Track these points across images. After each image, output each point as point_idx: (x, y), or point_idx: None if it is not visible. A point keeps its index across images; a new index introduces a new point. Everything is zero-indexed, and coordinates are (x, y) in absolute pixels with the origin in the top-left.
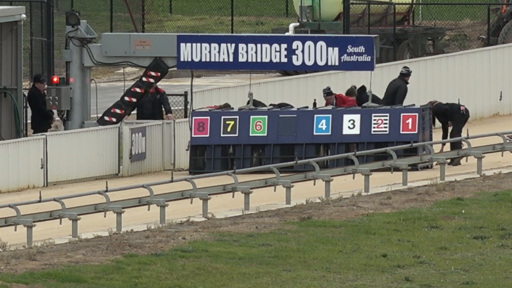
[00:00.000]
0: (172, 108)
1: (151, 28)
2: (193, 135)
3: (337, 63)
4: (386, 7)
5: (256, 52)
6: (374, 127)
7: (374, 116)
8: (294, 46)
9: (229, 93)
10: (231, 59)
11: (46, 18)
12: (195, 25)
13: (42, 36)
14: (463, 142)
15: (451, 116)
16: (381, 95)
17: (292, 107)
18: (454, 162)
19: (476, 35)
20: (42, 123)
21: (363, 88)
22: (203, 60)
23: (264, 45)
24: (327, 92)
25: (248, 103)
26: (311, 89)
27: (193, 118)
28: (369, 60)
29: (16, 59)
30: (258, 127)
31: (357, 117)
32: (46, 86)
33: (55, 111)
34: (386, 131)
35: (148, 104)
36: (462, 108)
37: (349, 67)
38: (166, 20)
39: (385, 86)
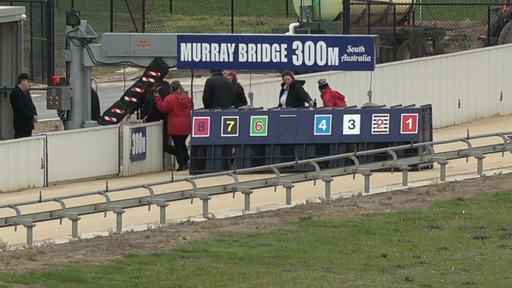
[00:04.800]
0: None
1: (151, 28)
2: (193, 135)
3: (337, 63)
4: (386, 7)
5: (256, 52)
6: (374, 127)
7: (374, 116)
8: (294, 46)
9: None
10: (231, 59)
11: (46, 18)
12: (195, 25)
13: (42, 36)
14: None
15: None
16: (381, 95)
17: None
18: None
19: (476, 35)
20: (22, 124)
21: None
22: (203, 60)
23: (264, 45)
24: (323, 85)
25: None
26: (311, 89)
27: (193, 118)
28: (369, 60)
29: (16, 59)
30: (259, 127)
31: (357, 117)
32: (30, 85)
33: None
34: (386, 131)
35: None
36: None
37: (349, 67)
38: (166, 20)
39: (385, 86)
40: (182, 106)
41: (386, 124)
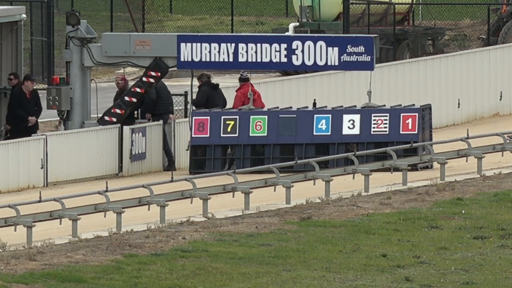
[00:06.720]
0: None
1: (151, 28)
2: (193, 135)
3: (336, 63)
4: (386, 7)
5: (256, 52)
6: (374, 127)
7: (374, 116)
8: (294, 46)
9: (229, 93)
10: (231, 59)
11: (46, 18)
12: (195, 25)
13: (42, 36)
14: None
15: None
16: (381, 95)
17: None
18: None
19: (476, 35)
20: (14, 125)
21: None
22: (203, 60)
23: (264, 45)
24: (244, 78)
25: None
26: (311, 89)
27: (193, 118)
28: (369, 60)
29: (16, 59)
30: (258, 127)
31: (357, 117)
32: (33, 86)
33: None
34: (386, 131)
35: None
36: None
37: (348, 67)
38: (166, 20)
39: (385, 86)
40: None
41: (386, 124)
